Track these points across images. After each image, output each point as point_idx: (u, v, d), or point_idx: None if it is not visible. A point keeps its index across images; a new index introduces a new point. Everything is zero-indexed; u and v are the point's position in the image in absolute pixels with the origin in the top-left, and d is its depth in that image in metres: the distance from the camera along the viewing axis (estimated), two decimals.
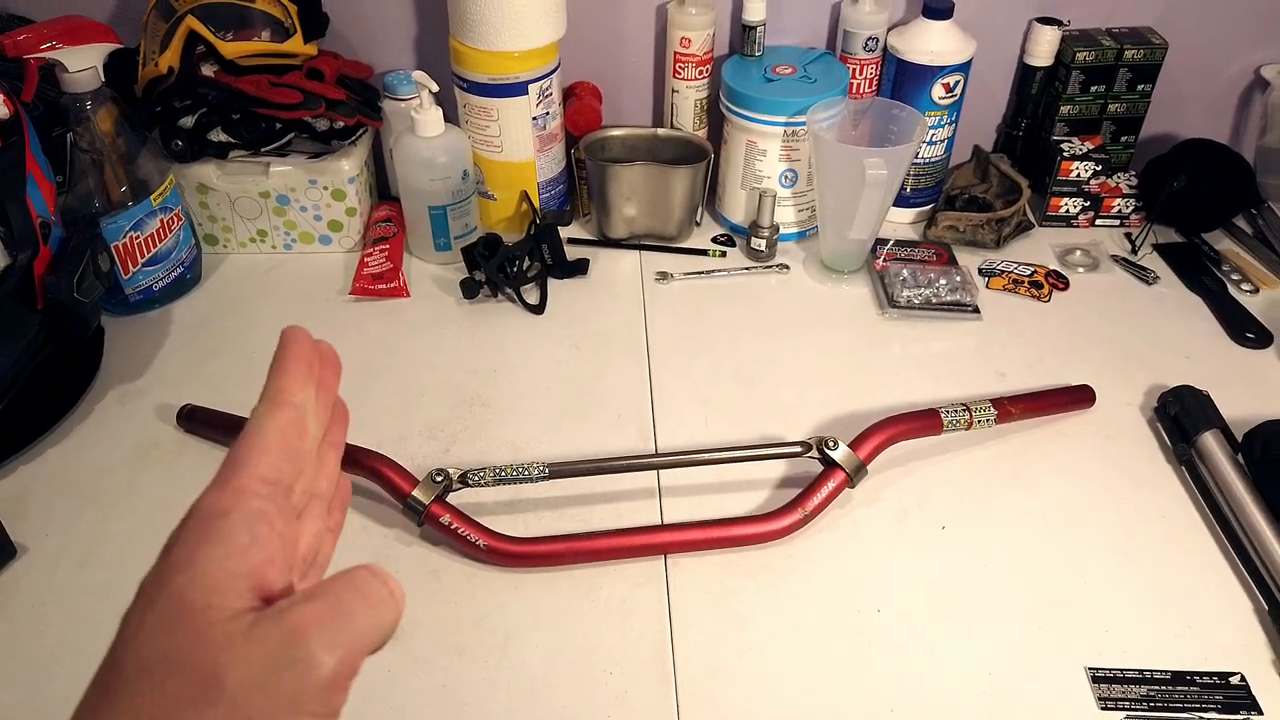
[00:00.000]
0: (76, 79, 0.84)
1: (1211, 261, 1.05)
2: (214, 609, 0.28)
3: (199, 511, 0.31)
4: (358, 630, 0.29)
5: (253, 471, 0.32)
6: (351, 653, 0.29)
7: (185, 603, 0.28)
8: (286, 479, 0.33)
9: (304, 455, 0.34)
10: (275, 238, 1.04)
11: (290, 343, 0.35)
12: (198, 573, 0.29)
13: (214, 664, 0.27)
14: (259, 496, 0.31)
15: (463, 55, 0.97)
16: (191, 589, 0.29)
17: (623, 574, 0.72)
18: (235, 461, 0.32)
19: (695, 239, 1.09)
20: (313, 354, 0.36)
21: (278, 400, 0.34)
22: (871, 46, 1.05)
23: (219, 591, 0.29)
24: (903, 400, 0.86)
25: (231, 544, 0.30)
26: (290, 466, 0.33)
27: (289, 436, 0.33)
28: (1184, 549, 0.74)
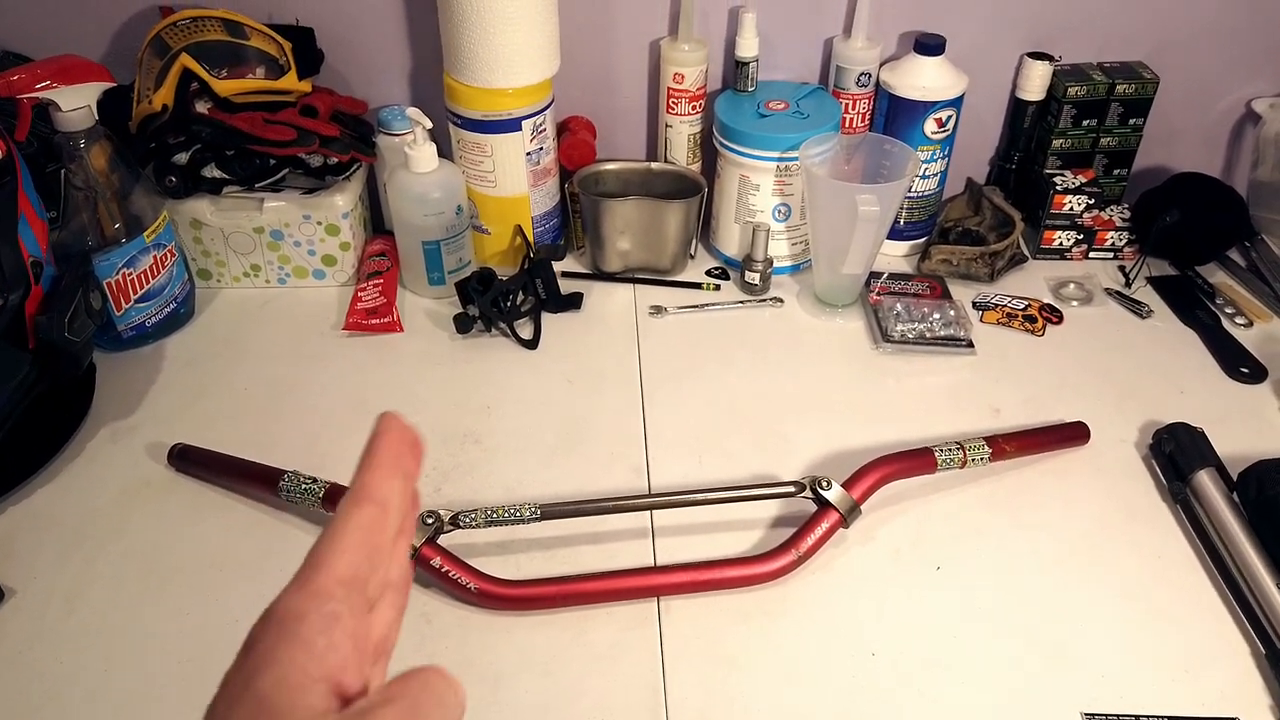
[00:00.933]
0: (70, 118, 0.85)
1: (1205, 295, 1.05)
2: (298, 710, 0.29)
3: (276, 614, 0.31)
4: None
5: (331, 572, 0.32)
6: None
7: (270, 704, 0.29)
8: (364, 577, 0.33)
9: (383, 551, 0.34)
10: (269, 272, 1.04)
11: (383, 432, 0.35)
12: (280, 675, 0.30)
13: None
14: (335, 599, 0.32)
15: (457, 92, 0.97)
16: (276, 691, 0.29)
17: (614, 617, 0.71)
18: (315, 561, 0.32)
19: (689, 272, 1.09)
20: (404, 445, 0.35)
21: (364, 496, 0.34)
22: (864, 82, 1.05)
23: (301, 693, 0.29)
24: (897, 436, 0.86)
25: (309, 648, 0.30)
26: (369, 564, 0.33)
27: (371, 534, 0.33)
28: (1180, 590, 0.74)
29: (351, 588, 0.32)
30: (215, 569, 0.75)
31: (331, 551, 0.32)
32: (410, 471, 0.36)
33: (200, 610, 0.72)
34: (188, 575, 0.74)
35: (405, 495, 0.36)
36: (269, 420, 0.88)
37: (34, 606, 0.72)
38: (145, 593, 0.73)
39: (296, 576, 0.32)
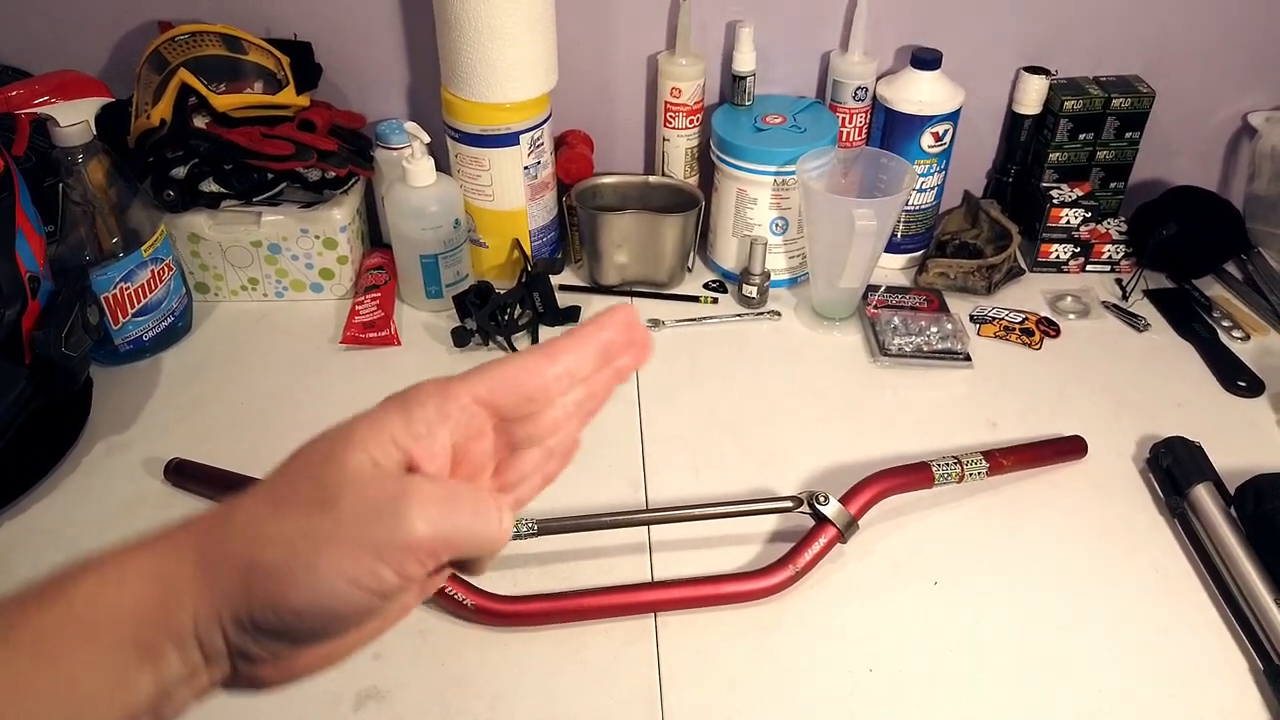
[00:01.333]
0: (68, 133, 0.85)
1: (1202, 308, 1.05)
2: (364, 454, 0.32)
3: (408, 390, 0.35)
4: (455, 523, 0.32)
5: (470, 386, 0.35)
6: (441, 537, 0.32)
7: (347, 440, 0.33)
8: (503, 411, 0.36)
9: (537, 402, 0.36)
10: (267, 286, 1.04)
11: (606, 316, 0.37)
12: (373, 425, 0.33)
13: (339, 487, 0.32)
14: (461, 407, 0.35)
15: (454, 106, 0.97)
16: (357, 433, 0.33)
17: (611, 633, 0.71)
18: (472, 372, 0.35)
19: (687, 285, 1.09)
20: (619, 338, 0.37)
21: (546, 349, 0.36)
22: (861, 96, 1.05)
23: (377, 447, 0.33)
24: (894, 450, 0.86)
25: (411, 426, 0.33)
26: (511, 403, 0.35)
27: (529, 378, 0.36)
28: (1178, 605, 0.74)
29: (483, 410, 0.35)
30: None
31: (480, 372, 0.36)
32: (619, 366, 0.38)
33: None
34: None
35: (606, 383, 0.38)
36: (266, 434, 0.88)
37: None
38: None
39: (451, 377, 0.35)
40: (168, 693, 0.32)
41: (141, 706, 0.31)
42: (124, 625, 0.31)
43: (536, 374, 0.36)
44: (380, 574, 0.31)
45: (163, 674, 0.31)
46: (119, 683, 0.30)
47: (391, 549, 0.31)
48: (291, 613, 0.31)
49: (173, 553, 0.32)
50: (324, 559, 0.31)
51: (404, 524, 0.31)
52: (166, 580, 0.31)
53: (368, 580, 0.31)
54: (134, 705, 0.31)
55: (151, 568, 0.32)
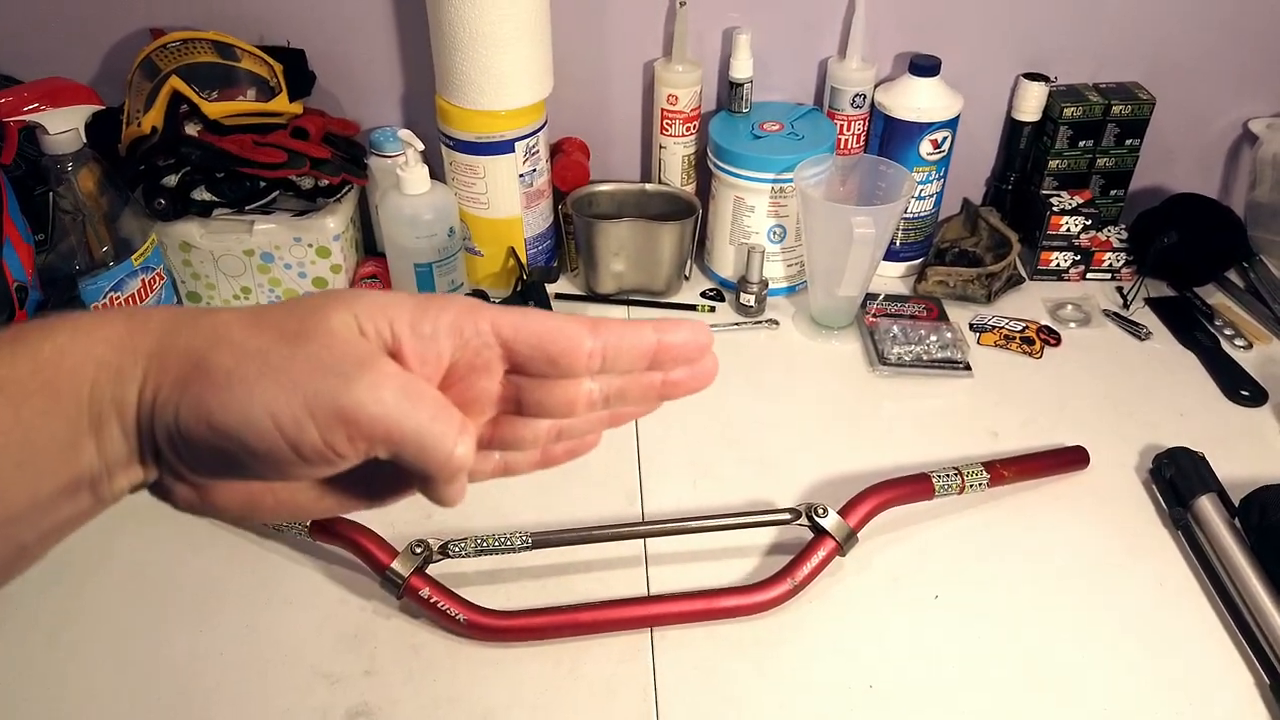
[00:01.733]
0: (57, 141, 0.84)
1: (1204, 316, 1.04)
2: (354, 317, 0.31)
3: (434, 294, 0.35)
4: (401, 415, 0.30)
5: (496, 317, 0.33)
6: (379, 420, 0.30)
7: (346, 300, 0.32)
8: (521, 359, 0.33)
9: (559, 367, 0.33)
10: (259, 294, 1.03)
11: (675, 322, 0.34)
12: (380, 300, 0.32)
13: (314, 331, 0.30)
14: (478, 331, 0.33)
15: (449, 114, 0.96)
16: (360, 300, 0.32)
17: (607, 648, 0.70)
18: (505, 308, 0.33)
19: (684, 294, 1.08)
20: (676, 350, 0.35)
21: (592, 322, 0.33)
22: (859, 103, 1.05)
23: (370, 320, 0.31)
24: (894, 461, 0.85)
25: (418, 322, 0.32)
26: (532, 356, 0.33)
27: (557, 338, 0.33)
28: (1182, 619, 0.72)
29: (498, 345, 0.33)
30: (202, 599, 0.73)
31: (513, 312, 0.33)
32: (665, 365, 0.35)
33: (187, 642, 0.70)
34: (173, 605, 0.73)
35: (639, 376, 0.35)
36: None
37: (14, 638, 0.70)
38: (130, 624, 0.72)
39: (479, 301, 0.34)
40: (108, 471, 0.31)
41: (84, 476, 0.31)
42: (83, 385, 0.30)
43: (570, 339, 0.33)
44: (304, 426, 0.29)
45: (105, 448, 0.31)
46: (69, 443, 0.30)
47: (325, 406, 0.29)
48: (209, 424, 0.30)
49: (142, 327, 0.32)
50: (261, 384, 0.29)
51: (349, 388, 0.29)
52: (128, 351, 0.31)
53: (289, 426, 0.29)
54: (78, 472, 0.31)
55: (119, 336, 0.31)
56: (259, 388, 0.30)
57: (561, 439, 0.37)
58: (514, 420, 0.35)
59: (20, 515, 0.30)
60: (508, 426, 0.36)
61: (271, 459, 0.30)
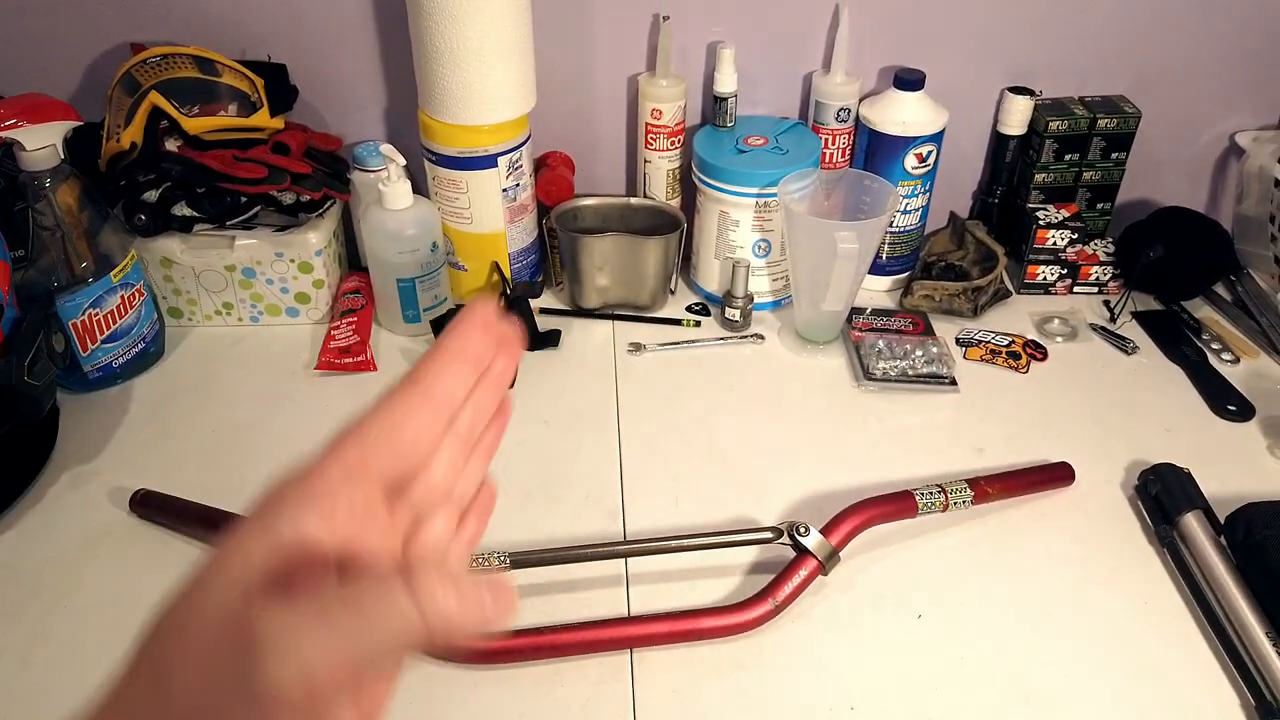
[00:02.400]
0: (34, 157, 0.83)
1: (1191, 330, 1.04)
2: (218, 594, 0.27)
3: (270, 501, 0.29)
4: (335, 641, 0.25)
5: (339, 457, 0.29)
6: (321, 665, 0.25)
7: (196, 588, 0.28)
8: (385, 474, 0.30)
9: (422, 447, 0.30)
10: (241, 310, 1.02)
11: (464, 324, 0.32)
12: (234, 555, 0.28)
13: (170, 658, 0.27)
14: (333, 483, 0.28)
15: (431, 129, 0.96)
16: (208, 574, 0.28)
17: (586, 670, 0.69)
18: (337, 442, 0.29)
19: (669, 308, 1.07)
20: (484, 342, 0.32)
21: (415, 383, 0.30)
22: (844, 117, 1.04)
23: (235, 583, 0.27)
24: (878, 477, 0.84)
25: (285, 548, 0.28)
26: (392, 463, 0.30)
27: (403, 426, 0.30)
28: (1168, 639, 0.72)
29: (360, 482, 0.29)
30: None
31: (347, 437, 0.29)
32: (497, 376, 0.33)
33: None
34: None
35: (489, 400, 0.32)
36: (237, 464, 0.86)
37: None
38: (105, 648, 0.71)
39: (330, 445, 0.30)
40: None
41: None
42: None
43: (412, 415, 0.30)
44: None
45: None
46: None
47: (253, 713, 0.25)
48: None
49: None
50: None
51: (259, 678, 0.24)
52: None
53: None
54: None
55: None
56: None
57: (469, 511, 0.34)
58: (419, 532, 0.32)
59: None
60: (418, 543, 0.32)
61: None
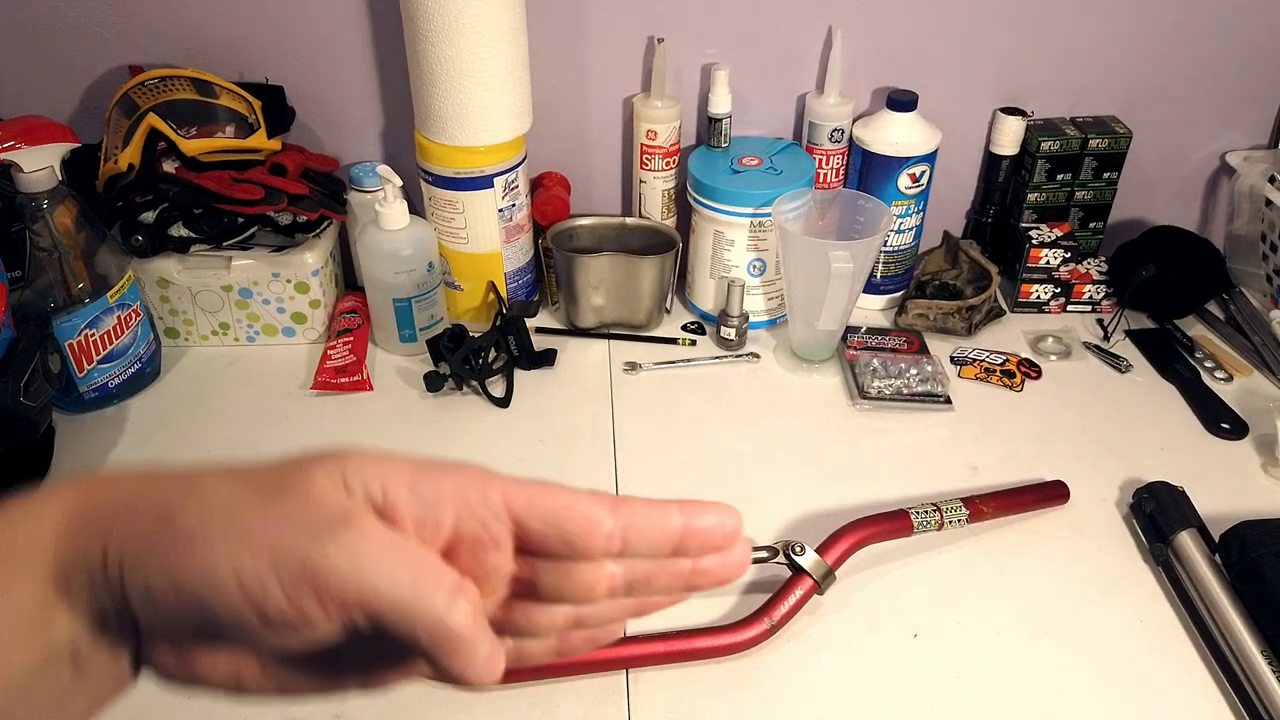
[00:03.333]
0: (32, 179, 0.84)
1: (1184, 348, 1.04)
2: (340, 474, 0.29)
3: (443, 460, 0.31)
4: (380, 578, 0.27)
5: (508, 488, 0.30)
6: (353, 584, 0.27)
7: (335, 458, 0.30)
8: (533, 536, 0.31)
9: (574, 548, 0.31)
10: (238, 330, 1.03)
11: (702, 505, 0.32)
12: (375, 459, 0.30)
13: (291, 487, 0.29)
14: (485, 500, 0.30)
15: (428, 149, 0.96)
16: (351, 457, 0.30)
17: (581, 691, 0.69)
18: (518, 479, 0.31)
19: (665, 327, 1.08)
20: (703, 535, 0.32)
21: (612, 500, 0.31)
22: (837, 138, 1.05)
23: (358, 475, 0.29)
24: (873, 496, 0.84)
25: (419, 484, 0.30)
26: (545, 532, 0.30)
27: (573, 516, 0.30)
28: (1163, 657, 0.72)
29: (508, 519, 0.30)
30: None
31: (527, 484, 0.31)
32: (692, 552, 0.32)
33: (151, 685, 0.69)
34: None
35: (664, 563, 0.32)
36: None
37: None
38: None
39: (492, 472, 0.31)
40: (89, 641, 0.30)
41: (61, 650, 0.29)
42: (44, 551, 0.29)
43: (588, 517, 0.30)
44: (267, 586, 0.27)
45: (79, 611, 0.29)
46: (38, 615, 0.29)
47: (291, 565, 0.27)
48: (174, 584, 0.28)
49: (104, 487, 0.30)
50: (226, 541, 0.27)
51: (318, 546, 0.27)
52: (89, 511, 0.29)
53: (252, 586, 0.27)
54: (52, 645, 0.29)
55: (78, 497, 0.30)
56: (223, 545, 0.27)
57: (581, 626, 0.34)
58: (528, 605, 0.33)
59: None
60: (521, 611, 0.33)
61: (237, 623, 0.28)
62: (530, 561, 0.31)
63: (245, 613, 0.27)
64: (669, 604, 0.34)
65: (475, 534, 0.30)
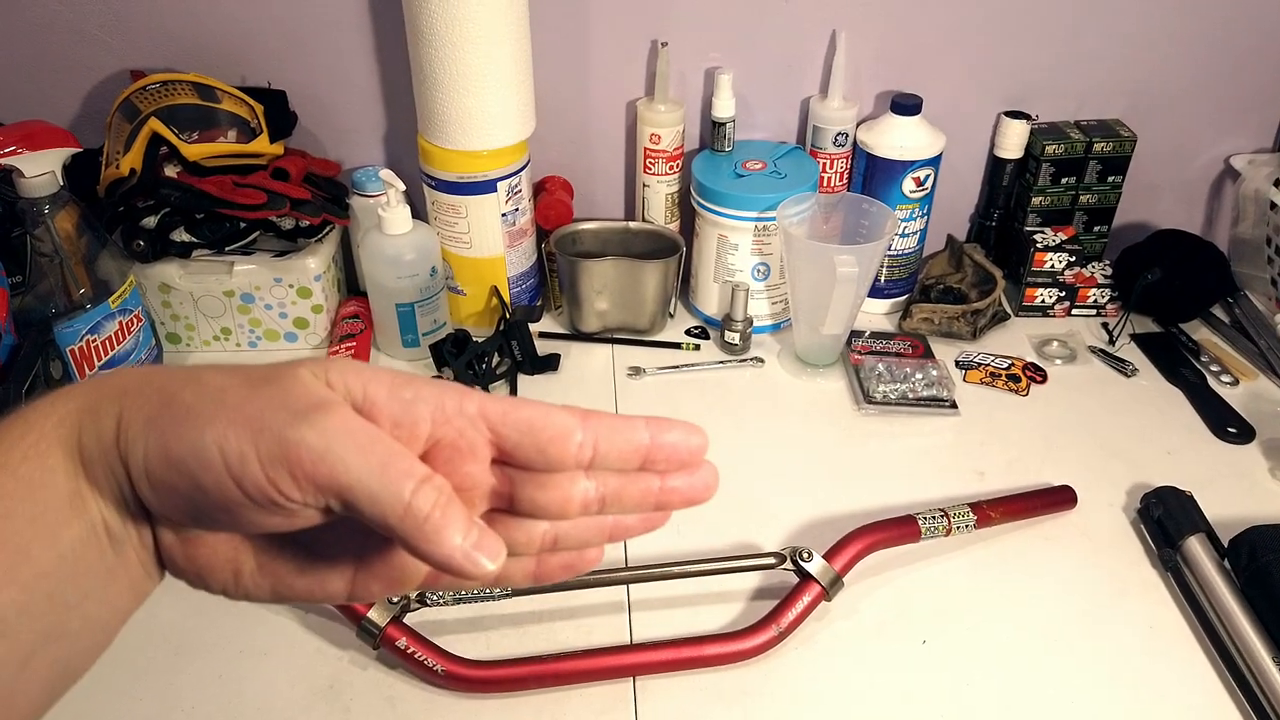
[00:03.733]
0: (33, 184, 0.83)
1: (1190, 352, 1.04)
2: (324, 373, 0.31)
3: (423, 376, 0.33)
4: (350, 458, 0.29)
5: (484, 401, 0.32)
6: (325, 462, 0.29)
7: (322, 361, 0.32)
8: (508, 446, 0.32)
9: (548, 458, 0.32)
10: (240, 335, 1.02)
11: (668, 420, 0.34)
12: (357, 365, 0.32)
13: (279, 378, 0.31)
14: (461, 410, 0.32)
15: (431, 154, 0.96)
16: (336, 360, 0.32)
17: (589, 699, 0.68)
18: (493, 395, 0.33)
19: (669, 332, 1.07)
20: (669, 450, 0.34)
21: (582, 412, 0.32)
22: (841, 141, 1.05)
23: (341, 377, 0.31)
24: (880, 502, 0.84)
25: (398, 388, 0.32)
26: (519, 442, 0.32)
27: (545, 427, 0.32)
28: (1173, 663, 0.71)
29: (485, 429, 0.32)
30: (173, 649, 0.72)
31: (501, 398, 0.33)
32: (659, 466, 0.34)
33: (154, 696, 0.68)
34: (143, 656, 0.71)
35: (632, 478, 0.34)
36: None
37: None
38: (93, 678, 0.69)
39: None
40: (116, 518, 0.32)
41: (95, 524, 0.31)
42: (69, 433, 0.31)
43: (560, 427, 0.32)
44: (248, 462, 0.29)
45: (103, 491, 0.31)
46: (72, 492, 0.31)
47: (270, 441, 0.29)
48: (165, 456, 0.30)
49: (115, 376, 0.32)
50: (217, 420, 0.29)
51: (295, 424, 0.29)
52: (106, 394, 0.32)
53: (234, 460, 0.29)
54: (88, 520, 0.31)
55: (99, 382, 0.32)
56: (215, 425, 0.29)
57: (558, 548, 0.35)
58: (507, 520, 0.34)
59: (50, 569, 0.30)
60: (500, 526, 0.34)
61: (220, 496, 0.30)
62: (508, 475, 0.33)
63: (227, 485, 0.29)
64: (642, 529, 0.36)
65: (452, 440, 0.32)
